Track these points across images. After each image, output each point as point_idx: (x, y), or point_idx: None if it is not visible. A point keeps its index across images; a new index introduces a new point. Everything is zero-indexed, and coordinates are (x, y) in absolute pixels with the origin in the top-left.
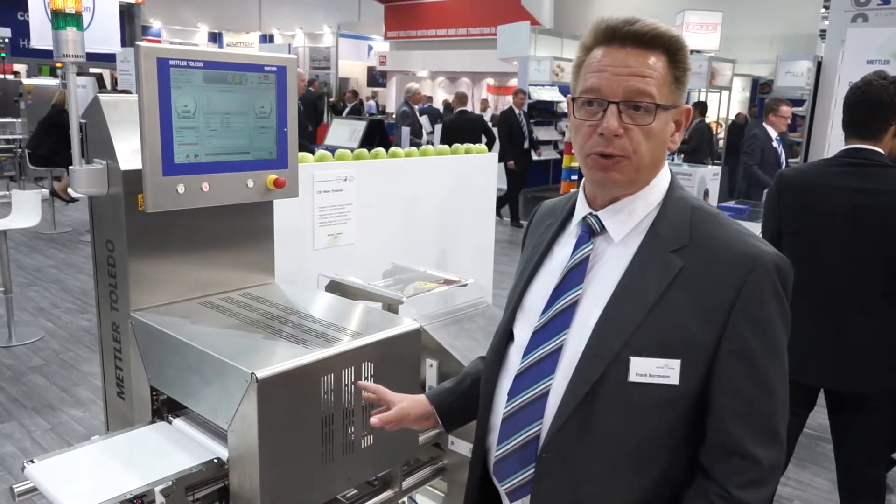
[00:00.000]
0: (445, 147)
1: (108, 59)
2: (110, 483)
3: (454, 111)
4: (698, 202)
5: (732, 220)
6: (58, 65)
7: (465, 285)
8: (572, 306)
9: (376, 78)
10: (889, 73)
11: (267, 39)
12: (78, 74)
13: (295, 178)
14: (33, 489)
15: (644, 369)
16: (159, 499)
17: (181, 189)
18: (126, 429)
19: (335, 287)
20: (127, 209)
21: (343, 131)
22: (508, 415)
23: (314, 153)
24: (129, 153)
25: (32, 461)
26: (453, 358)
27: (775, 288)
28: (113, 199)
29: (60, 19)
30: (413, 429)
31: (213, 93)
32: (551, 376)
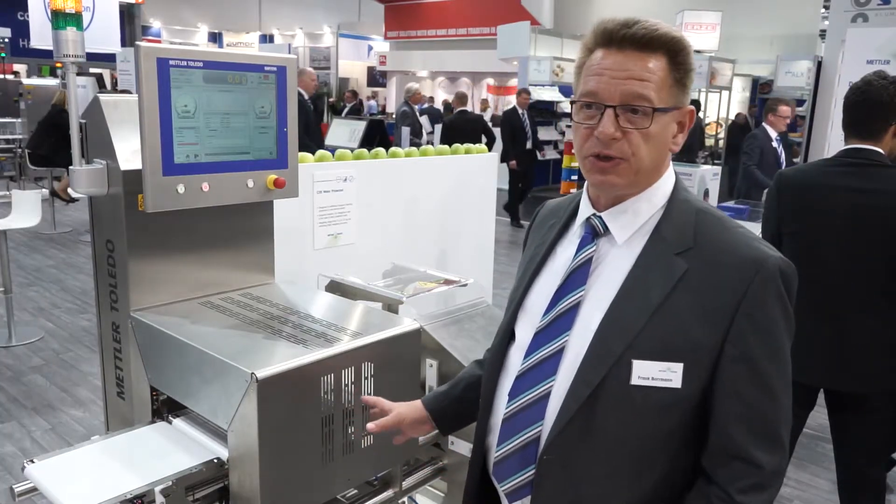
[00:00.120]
0: (445, 147)
1: (108, 59)
2: (110, 483)
3: (454, 111)
4: (703, 204)
5: (737, 223)
6: (58, 65)
7: (465, 285)
8: (575, 308)
9: (376, 78)
10: (889, 73)
11: (267, 39)
12: (78, 74)
13: (295, 178)
14: (33, 489)
15: (646, 372)
16: (159, 499)
17: (181, 189)
18: (126, 429)
19: (335, 287)
20: (127, 209)
21: (343, 131)
22: (509, 416)
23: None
24: (129, 153)
25: (32, 461)
26: (453, 358)
27: (779, 292)
28: (113, 199)
29: (60, 19)
30: (412, 435)
31: (213, 93)
32: (553, 378)
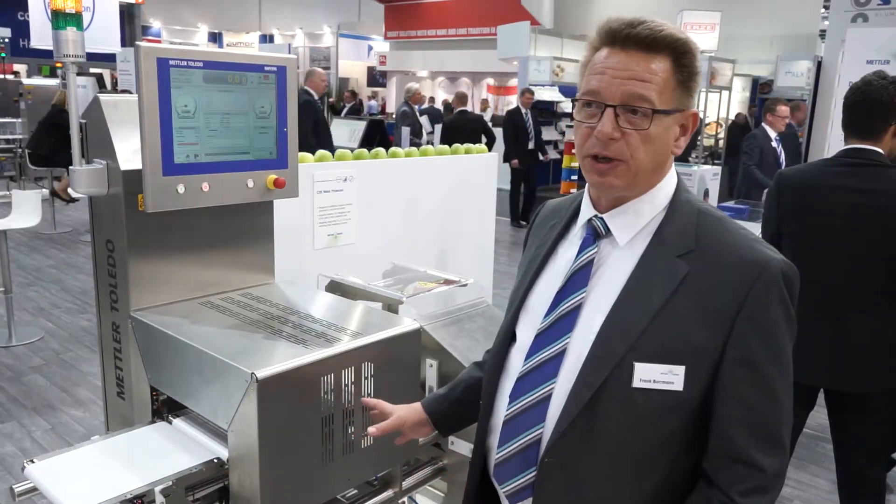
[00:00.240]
0: (445, 147)
1: (108, 59)
2: (110, 483)
3: (454, 111)
4: (704, 205)
5: (739, 225)
6: (58, 65)
7: (465, 285)
8: (576, 310)
9: (376, 78)
10: (889, 73)
11: (267, 39)
12: (78, 74)
13: (295, 178)
14: (33, 489)
15: (648, 375)
16: (159, 499)
17: (181, 189)
18: (126, 429)
19: (335, 287)
20: (127, 209)
21: (343, 131)
22: (510, 417)
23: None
24: (129, 153)
25: (32, 461)
26: (453, 358)
27: (781, 295)
28: (113, 199)
29: (60, 19)
30: (413, 437)
31: (213, 93)
32: (554, 380)
